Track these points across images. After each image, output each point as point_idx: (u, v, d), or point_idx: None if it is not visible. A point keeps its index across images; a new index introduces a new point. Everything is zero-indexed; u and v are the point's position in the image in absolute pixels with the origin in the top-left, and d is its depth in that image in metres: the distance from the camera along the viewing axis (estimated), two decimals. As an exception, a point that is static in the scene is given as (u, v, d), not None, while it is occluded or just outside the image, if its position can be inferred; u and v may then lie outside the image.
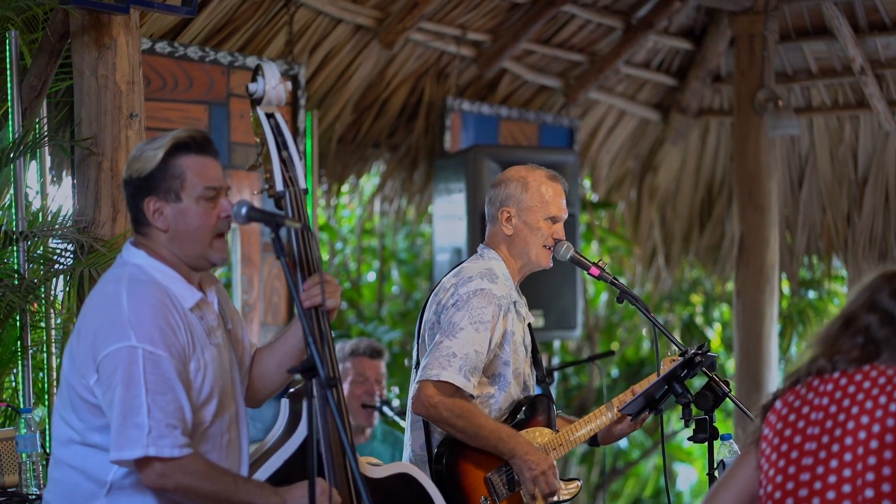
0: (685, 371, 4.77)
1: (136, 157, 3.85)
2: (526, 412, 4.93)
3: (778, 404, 3.47)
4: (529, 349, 5.05)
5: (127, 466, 3.72)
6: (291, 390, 4.11)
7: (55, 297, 5.59)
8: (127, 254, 3.91)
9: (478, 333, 4.73)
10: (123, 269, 3.85)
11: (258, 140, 4.00)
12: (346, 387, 7.03)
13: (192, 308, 3.85)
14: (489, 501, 4.77)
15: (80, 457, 3.81)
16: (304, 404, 3.99)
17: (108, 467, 3.76)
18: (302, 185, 3.98)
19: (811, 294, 11.58)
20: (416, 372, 4.87)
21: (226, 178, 7.16)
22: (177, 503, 3.79)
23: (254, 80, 3.98)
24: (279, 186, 3.94)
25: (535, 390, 5.09)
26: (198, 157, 3.83)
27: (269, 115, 3.99)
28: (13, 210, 5.53)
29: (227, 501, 3.73)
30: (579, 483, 5.14)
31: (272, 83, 3.94)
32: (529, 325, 5.07)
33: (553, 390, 5.20)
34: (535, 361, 5.10)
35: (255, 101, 3.99)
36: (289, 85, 3.97)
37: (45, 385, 5.64)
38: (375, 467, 4.21)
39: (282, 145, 3.96)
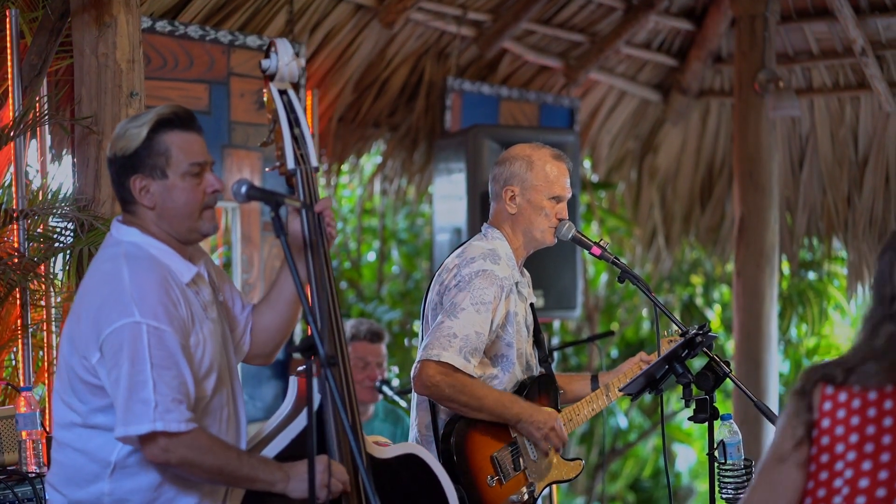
0: (686, 351, 4.77)
1: (119, 136, 3.83)
2: (530, 392, 4.94)
3: (842, 396, 3.09)
4: (531, 329, 5.05)
5: (132, 443, 3.71)
6: (300, 368, 4.08)
7: (55, 275, 5.58)
8: (118, 232, 3.89)
9: (479, 314, 4.73)
10: (118, 247, 3.83)
11: (270, 117, 3.99)
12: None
13: (189, 283, 3.84)
14: (496, 480, 4.79)
15: (84, 439, 3.80)
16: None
17: (111, 448, 3.75)
18: (313, 162, 3.97)
19: (811, 275, 11.58)
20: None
21: (226, 156, 7.22)
22: (180, 478, 3.79)
23: (266, 56, 3.96)
24: (290, 164, 3.93)
25: (538, 370, 5.10)
26: (182, 133, 3.81)
27: (282, 92, 3.97)
28: (13, 188, 5.52)
29: (229, 475, 3.73)
30: (582, 462, 5.16)
31: (285, 59, 3.93)
32: (532, 304, 5.08)
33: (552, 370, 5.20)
34: (538, 341, 5.10)
35: (268, 78, 3.97)
36: (302, 62, 3.95)
37: (46, 363, 5.64)
38: (382, 447, 4.19)
39: (294, 122, 3.95)
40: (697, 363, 4.93)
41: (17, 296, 5.48)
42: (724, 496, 4.81)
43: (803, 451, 3.10)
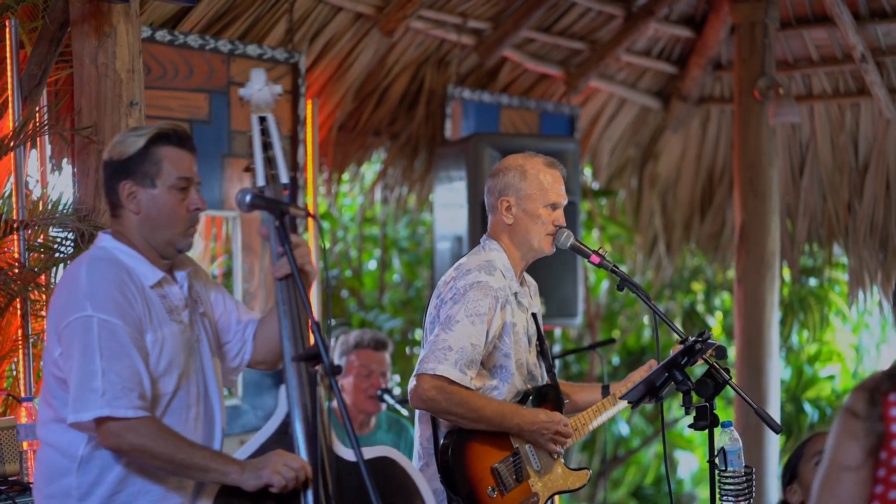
0: (686, 359, 4.76)
1: (119, 142, 4.06)
2: (533, 402, 4.93)
3: None
4: (534, 339, 5.04)
5: (86, 431, 3.88)
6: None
7: (56, 285, 5.58)
8: (97, 240, 4.13)
9: (473, 326, 4.72)
10: (89, 252, 4.08)
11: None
12: (350, 379, 7.01)
13: (153, 286, 4.03)
14: (496, 492, 4.76)
15: (57, 434, 3.98)
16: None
17: (79, 442, 3.93)
18: (283, 180, 4.07)
19: (812, 282, 11.59)
20: (418, 365, 4.87)
21: (226, 165, 7.23)
22: (146, 472, 3.94)
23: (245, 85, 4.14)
24: (260, 182, 4.01)
25: (544, 379, 5.09)
26: (176, 149, 4.05)
27: (262, 118, 4.11)
28: (13, 199, 5.53)
29: (181, 464, 3.85)
30: (588, 472, 5.15)
31: (256, 87, 4.09)
32: (534, 314, 5.05)
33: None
34: (542, 351, 5.08)
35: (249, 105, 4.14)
36: (277, 88, 4.09)
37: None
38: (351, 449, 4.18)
39: (267, 146, 4.07)
40: (699, 370, 4.93)
41: (18, 306, 5.48)
42: (724, 503, 4.80)
43: (871, 461, 3.06)
